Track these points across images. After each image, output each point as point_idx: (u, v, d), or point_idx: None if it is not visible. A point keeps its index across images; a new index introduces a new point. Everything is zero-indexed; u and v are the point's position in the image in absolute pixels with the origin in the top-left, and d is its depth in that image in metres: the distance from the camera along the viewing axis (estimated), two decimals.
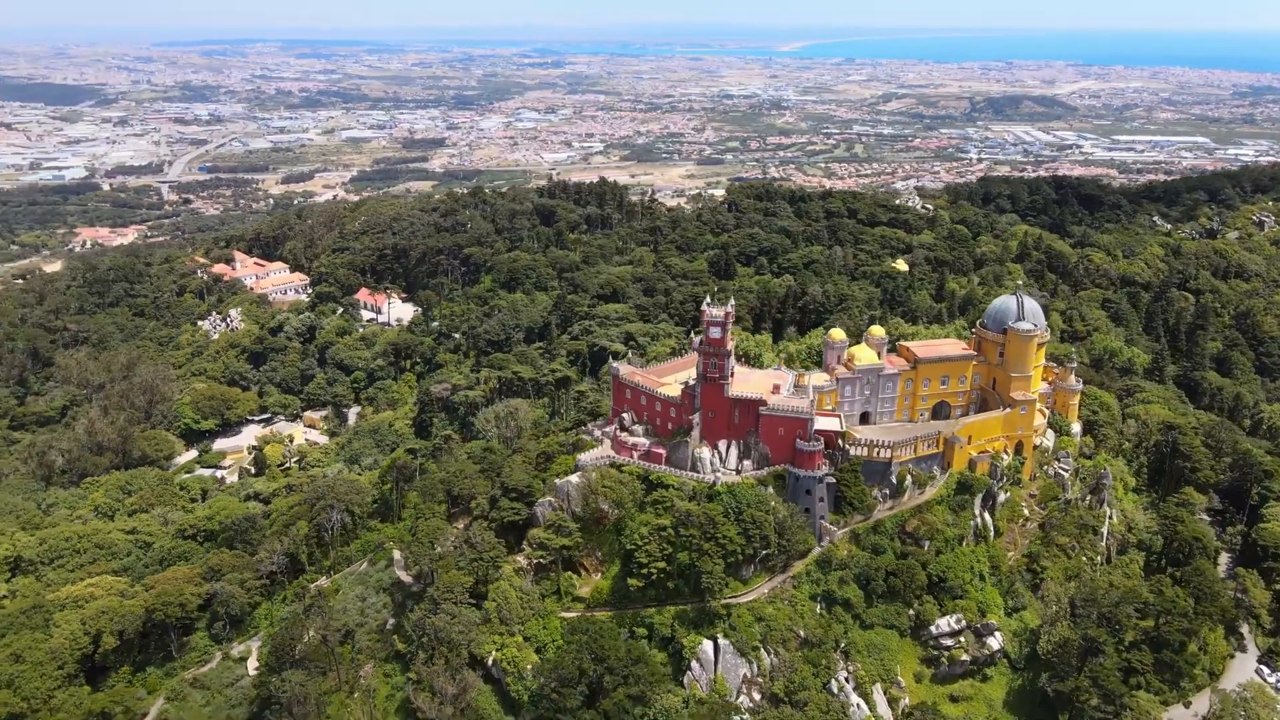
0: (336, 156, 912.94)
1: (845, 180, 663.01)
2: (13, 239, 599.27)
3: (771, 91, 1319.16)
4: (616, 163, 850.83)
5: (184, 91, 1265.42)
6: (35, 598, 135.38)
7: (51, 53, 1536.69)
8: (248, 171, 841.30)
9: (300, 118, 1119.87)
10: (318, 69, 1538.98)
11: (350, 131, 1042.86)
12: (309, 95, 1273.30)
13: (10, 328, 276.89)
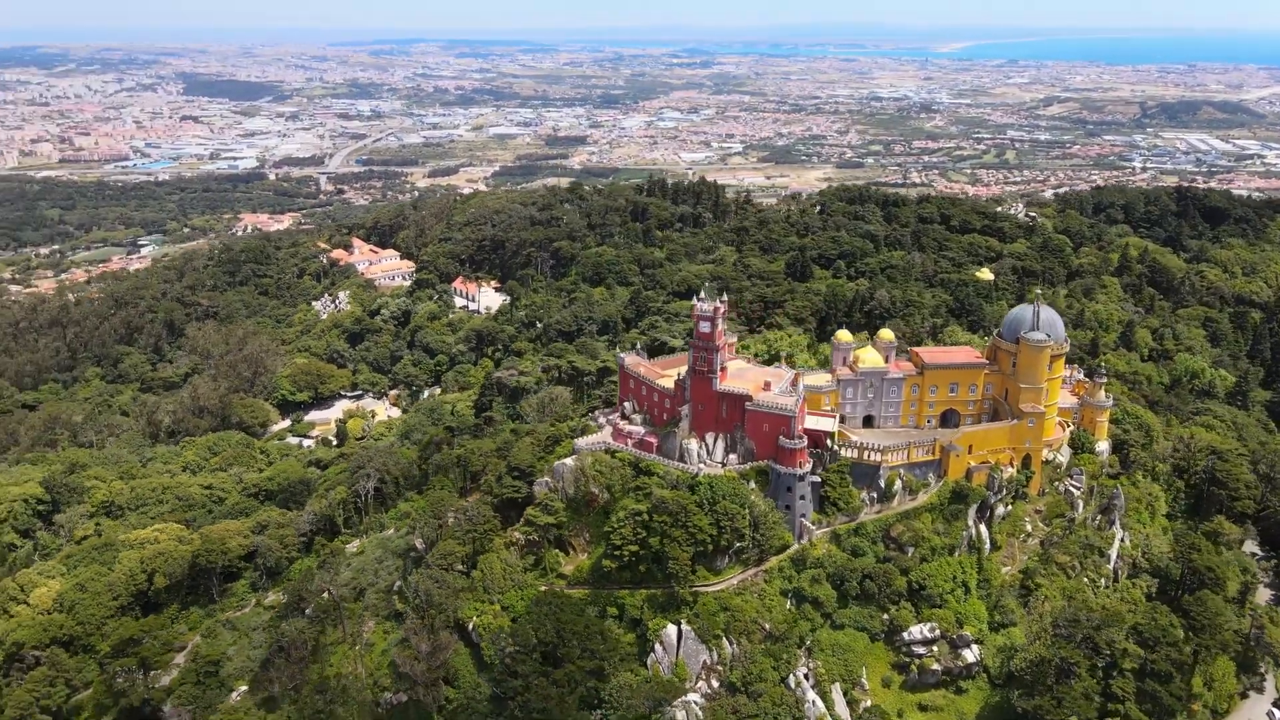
0: (482, 152, 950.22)
1: (990, 187, 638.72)
2: (186, 222, 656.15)
3: (923, 94, 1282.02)
4: (754, 164, 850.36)
5: (351, 89, 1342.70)
6: (108, 537, 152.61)
7: (239, 52, 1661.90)
8: (399, 165, 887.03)
9: (453, 114, 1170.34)
10: (474, 68, 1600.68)
11: (498, 128, 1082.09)
12: (464, 93, 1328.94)
13: (152, 301, 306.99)
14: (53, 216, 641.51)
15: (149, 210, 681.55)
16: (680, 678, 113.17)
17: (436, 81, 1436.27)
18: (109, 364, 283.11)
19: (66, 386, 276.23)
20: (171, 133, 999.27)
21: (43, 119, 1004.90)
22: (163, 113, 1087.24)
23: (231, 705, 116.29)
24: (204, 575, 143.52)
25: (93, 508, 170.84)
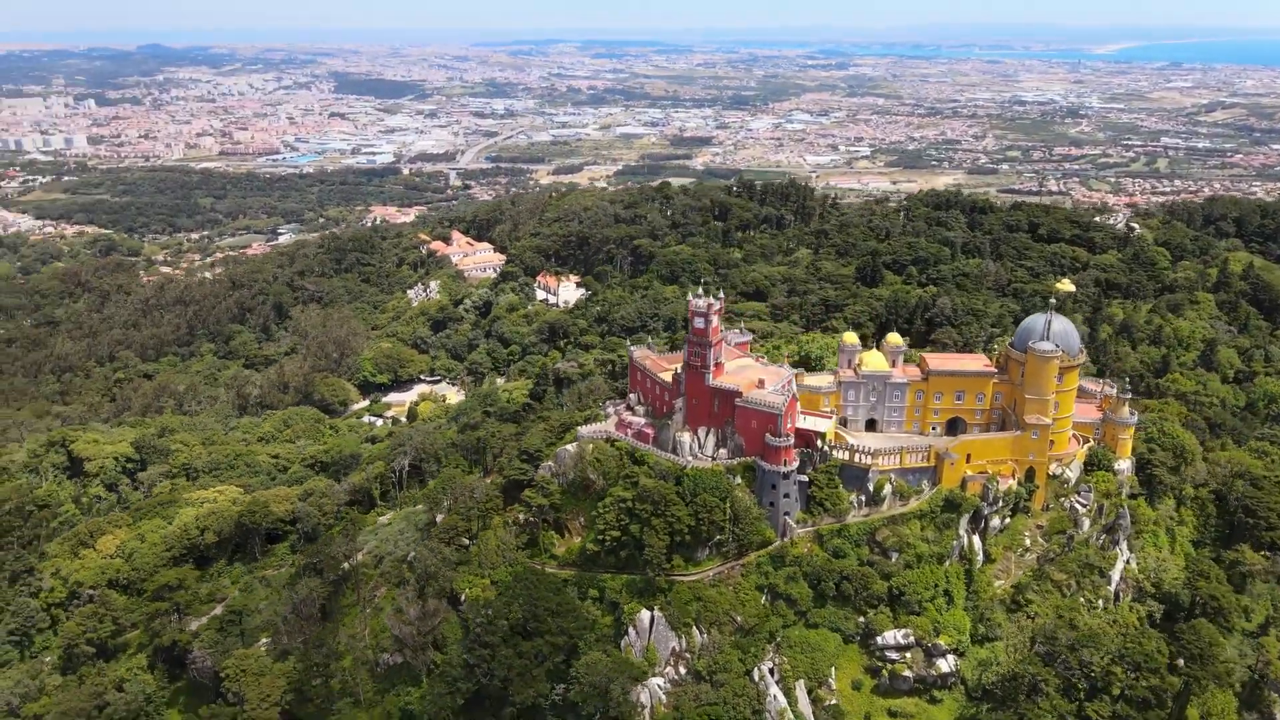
0: (608, 151, 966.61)
1: (1135, 197, 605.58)
2: (322, 213, 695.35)
3: (1072, 98, 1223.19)
4: (880, 168, 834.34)
5: (488, 88, 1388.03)
6: (175, 495, 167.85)
7: (388, 52, 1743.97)
8: (526, 162, 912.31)
9: (582, 114, 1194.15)
10: (608, 68, 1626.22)
11: (625, 128, 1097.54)
12: (595, 93, 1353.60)
13: (264, 284, 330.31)
14: (205, 204, 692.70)
15: (290, 201, 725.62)
16: (650, 662, 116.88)
17: (570, 81, 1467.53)
18: (221, 341, 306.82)
19: (184, 359, 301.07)
20: (320, 128, 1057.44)
21: (208, 115, 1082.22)
22: (314, 109, 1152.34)
23: (245, 652, 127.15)
24: (249, 535, 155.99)
25: (173, 468, 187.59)
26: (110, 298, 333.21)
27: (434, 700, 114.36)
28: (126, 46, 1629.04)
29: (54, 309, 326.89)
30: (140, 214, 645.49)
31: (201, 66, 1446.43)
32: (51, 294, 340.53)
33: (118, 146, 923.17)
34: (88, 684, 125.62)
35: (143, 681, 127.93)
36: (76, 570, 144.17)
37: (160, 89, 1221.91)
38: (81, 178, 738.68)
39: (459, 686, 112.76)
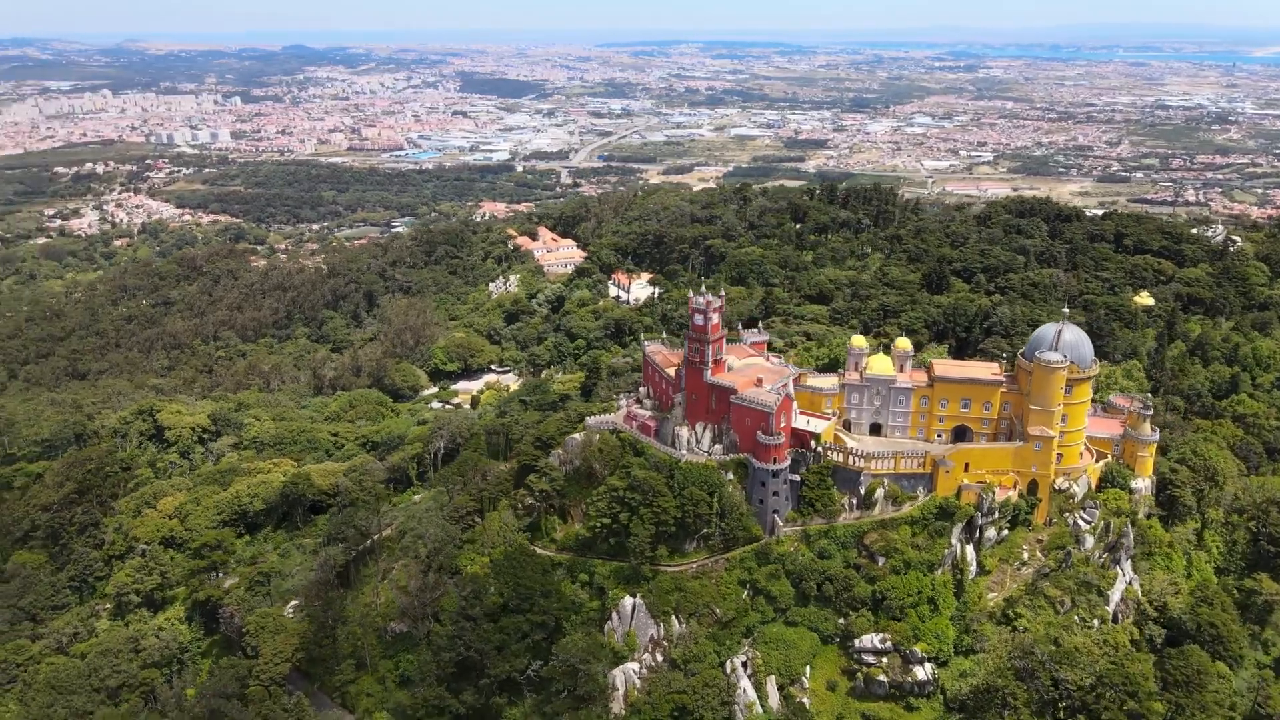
0: (720, 152, 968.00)
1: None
2: (434, 207, 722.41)
3: (1222, 103, 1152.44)
4: (1002, 174, 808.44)
5: (608, 88, 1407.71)
6: (236, 464, 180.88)
7: (514, 53, 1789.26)
8: (638, 162, 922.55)
9: (698, 114, 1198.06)
10: (728, 69, 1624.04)
11: (739, 129, 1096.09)
12: (713, 94, 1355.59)
13: (357, 273, 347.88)
14: (328, 197, 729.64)
15: (407, 195, 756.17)
16: (630, 647, 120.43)
17: (688, 82, 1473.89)
18: (315, 325, 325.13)
19: (280, 342, 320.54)
20: (442, 126, 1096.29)
21: (341, 112, 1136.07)
22: (438, 108, 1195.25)
23: (265, 610, 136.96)
24: (294, 505, 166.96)
25: (242, 440, 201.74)
26: (220, 282, 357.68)
27: (421, 667, 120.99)
28: (273, 47, 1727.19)
29: (170, 290, 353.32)
30: (268, 205, 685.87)
31: (339, 66, 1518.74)
32: (170, 276, 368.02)
33: (257, 141, 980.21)
34: (129, 629, 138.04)
35: (177, 631, 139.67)
36: (136, 526, 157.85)
37: (300, 87, 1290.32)
38: (220, 170, 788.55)
39: (443, 656, 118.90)
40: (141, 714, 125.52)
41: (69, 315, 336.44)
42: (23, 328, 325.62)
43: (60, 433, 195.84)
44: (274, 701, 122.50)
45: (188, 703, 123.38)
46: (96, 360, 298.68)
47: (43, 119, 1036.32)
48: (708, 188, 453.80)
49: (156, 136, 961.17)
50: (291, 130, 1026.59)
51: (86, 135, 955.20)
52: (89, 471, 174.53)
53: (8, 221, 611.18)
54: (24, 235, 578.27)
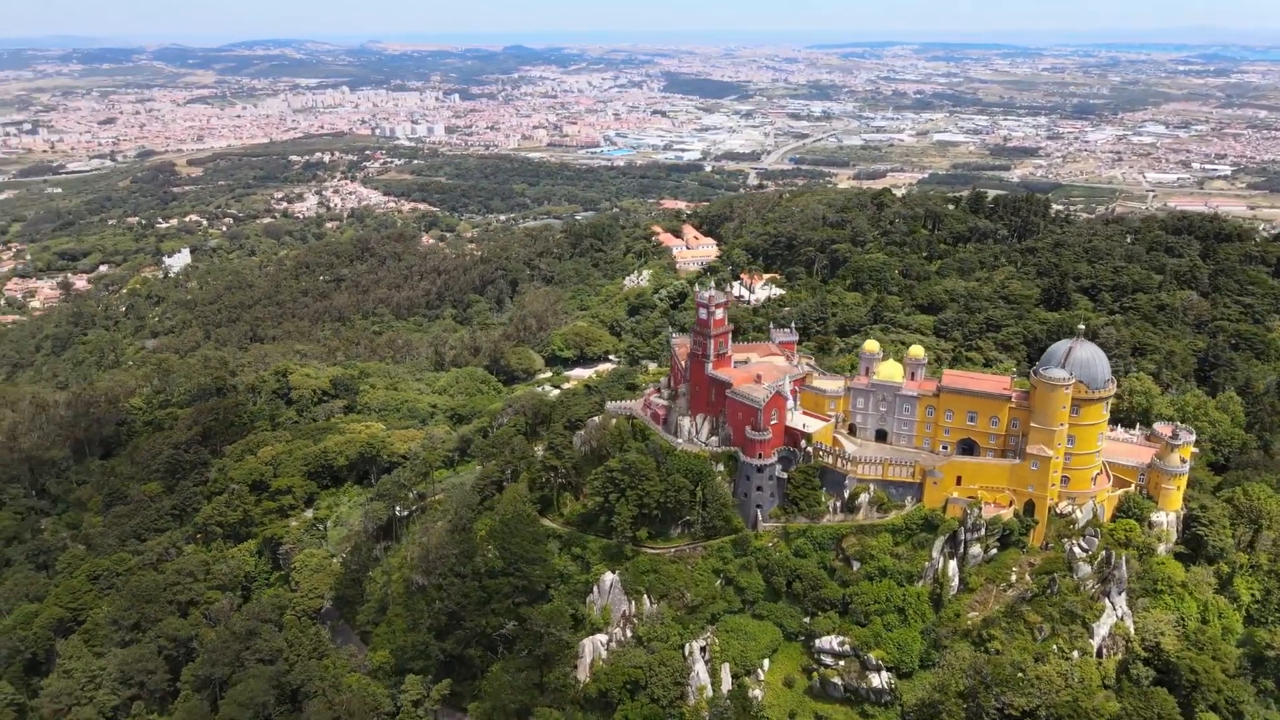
0: (918, 158, 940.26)
1: None
2: (616, 203, 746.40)
3: None
4: (1239, 190, 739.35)
5: (811, 90, 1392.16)
6: (330, 424, 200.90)
7: (721, 53, 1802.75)
8: (829, 165, 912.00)
9: (901, 119, 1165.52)
10: (941, 72, 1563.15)
11: (943, 135, 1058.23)
12: (922, 97, 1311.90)
13: (505, 261, 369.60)
14: (519, 190, 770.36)
15: (593, 191, 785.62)
16: (605, 620, 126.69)
17: (897, 85, 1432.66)
18: (461, 307, 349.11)
19: (430, 320, 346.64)
20: (640, 125, 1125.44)
21: (547, 110, 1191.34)
22: (639, 107, 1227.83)
23: (311, 551, 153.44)
24: (370, 464, 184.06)
25: (354, 404, 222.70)
26: (385, 263, 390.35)
27: (416, 615, 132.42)
28: (495, 48, 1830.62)
29: (343, 268, 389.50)
30: (463, 195, 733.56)
31: (552, 66, 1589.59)
32: (345, 255, 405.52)
33: (467, 136, 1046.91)
34: (209, 554, 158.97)
35: (245, 562, 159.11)
36: (233, 469, 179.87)
37: (513, 85, 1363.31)
38: (428, 161, 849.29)
39: (434, 606, 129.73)
40: (200, 626, 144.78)
41: (257, 286, 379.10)
42: (221, 295, 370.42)
43: (206, 385, 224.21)
44: (301, 630, 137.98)
45: (232, 621, 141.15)
46: (273, 327, 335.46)
47: (290, 112, 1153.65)
48: (852, 191, 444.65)
49: (381, 130, 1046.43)
50: (499, 126, 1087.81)
51: (323, 127, 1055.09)
52: (214, 419, 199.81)
53: (244, 202, 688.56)
54: (253, 215, 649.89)
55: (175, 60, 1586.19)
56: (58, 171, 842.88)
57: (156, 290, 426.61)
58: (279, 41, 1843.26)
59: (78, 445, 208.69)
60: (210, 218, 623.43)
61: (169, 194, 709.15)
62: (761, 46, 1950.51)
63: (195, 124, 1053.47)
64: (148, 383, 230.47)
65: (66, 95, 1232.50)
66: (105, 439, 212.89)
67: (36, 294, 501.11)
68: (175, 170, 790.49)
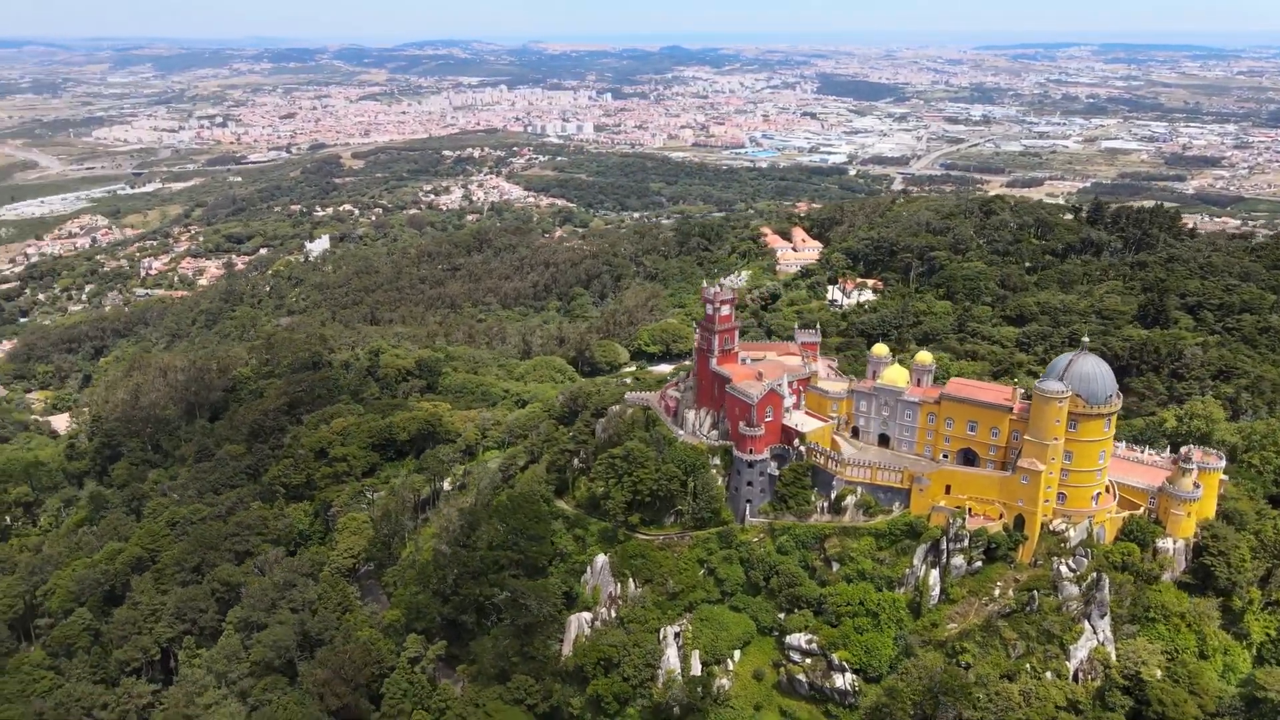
0: (1082, 166, 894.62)
1: None
2: (751, 204, 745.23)
3: None
4: None
5: (973, 93, 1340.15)
6: (401, 401, 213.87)
7: (881, 55, 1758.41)
8: (981, 171, 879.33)
9: (1068, 124, 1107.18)
10: (1119, 74, 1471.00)
11: (1114, 141, 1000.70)
12: (1094, 101, 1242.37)
13: (611, 256, 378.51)
14: (655, 189, 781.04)
15: (730, 191, 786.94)
16: (594, 600, 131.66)
17: (1068, 88, 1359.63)
18: (565, 300, 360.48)
19: (536, 311, 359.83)
20: (788, 127, 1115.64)
21: (696, 110, 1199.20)
22: (790, 108, 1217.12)
23: (353, 515, 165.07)
24: (429, 440, 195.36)
25: (433, 384, 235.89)
26: (500, 254, 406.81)
27: (424, 580, 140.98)
28: (651, 48, 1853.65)
29: (460, 258, 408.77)
30: (600, 192, 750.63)
31: (705, 66, 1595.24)
32: (463, 246, 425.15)
33: (615, 134, 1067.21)
34: (267, 511, 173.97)
35: (298, 520, 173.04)
36: (305, 436, 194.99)
37: (665, 85, 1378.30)
38: (571, 159, 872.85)
39: (439, 572, 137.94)
40: (250, 574, 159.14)
41: (381, 272, 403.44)
42: (350, 279, 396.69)
43: (305, 359, 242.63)
44: (332, 585, 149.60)
45: (274, 572, 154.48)
46: (389, 311, 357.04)
47: (450, 109, 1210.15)
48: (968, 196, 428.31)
49: (532, 127, 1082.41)
50: (647, 125, 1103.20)
51: (478, 124, 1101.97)
52: (302, 390, 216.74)
53: (395, 194, 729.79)
54: (401, 206, 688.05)
55: (353, 59, 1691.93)
56: (240, 162, 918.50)
57: (296, 272, 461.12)
58: (447, 42, 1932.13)
59: (190, 407, 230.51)
60: (362, 207, 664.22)
61: (330, 184, 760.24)
62: (925, 48, 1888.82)
63: (364, 119, 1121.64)
64: (256, 355, 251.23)
65: (255, 92, 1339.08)
66: (214, 403, 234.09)
67: (204, 273, 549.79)
68: (340, 162, 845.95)
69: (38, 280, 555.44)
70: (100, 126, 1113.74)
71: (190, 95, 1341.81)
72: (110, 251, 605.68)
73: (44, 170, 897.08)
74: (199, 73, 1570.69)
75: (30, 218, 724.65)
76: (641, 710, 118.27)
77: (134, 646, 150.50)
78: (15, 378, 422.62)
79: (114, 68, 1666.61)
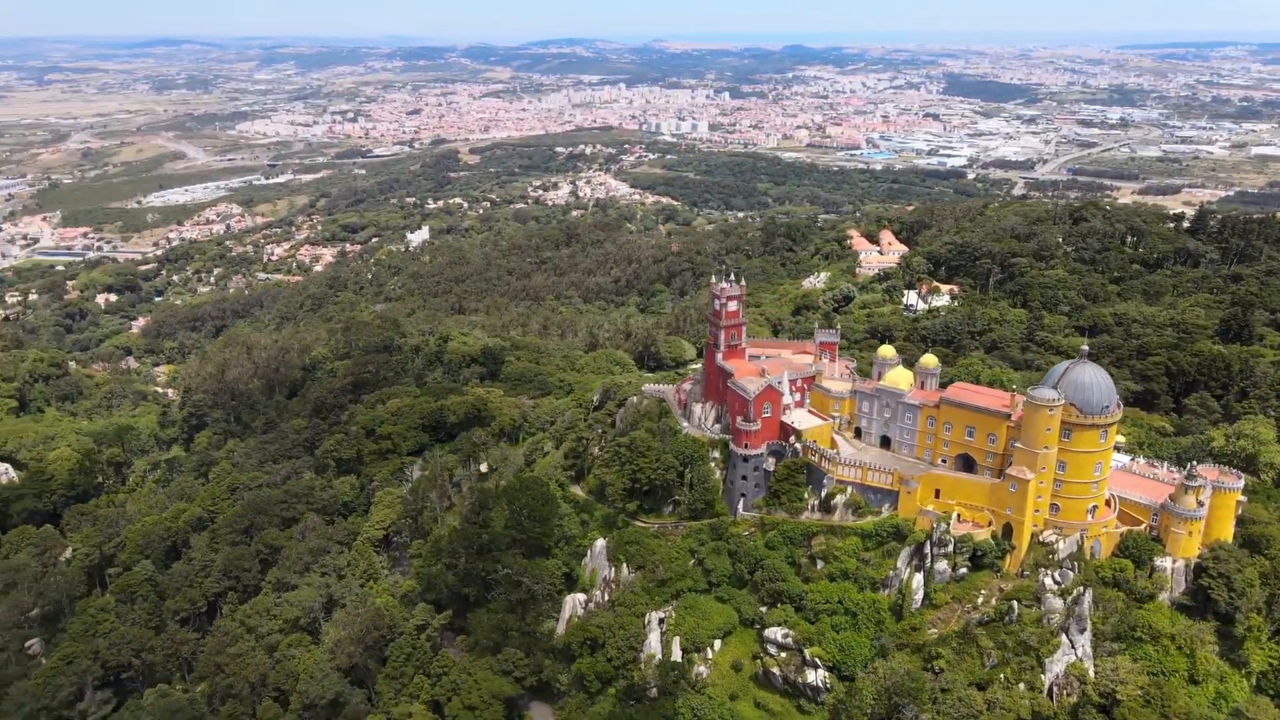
0: (1226, 174, 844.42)
1: None
2: (859, 207, 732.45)
3: None
4: None
5: (1112, 94, 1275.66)
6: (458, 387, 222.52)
7: (1015, 54, 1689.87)
8: (1113, 178, 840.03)
9: (1215, 128, 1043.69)
10: (1278, 76, 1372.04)
11: (1266, 148, 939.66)
12: (1248, 105, 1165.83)
13: (694, 255, 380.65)
14: (762, 189, 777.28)
15: (839, 193, 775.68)
16: (591, 582, 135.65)
17: (1220, 90, 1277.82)
18: (646, 296, 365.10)
19: (615, 306, 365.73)
20: (907, 128, 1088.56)
21: (814, 110, 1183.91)
22: (912, 109, 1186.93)
23: (388, 490, 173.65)
24: (475, 423, 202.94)
25: (493, 370, 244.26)
26: (586, 250, 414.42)
27: (438, 554, 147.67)
28: (774, 47, 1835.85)
29: (548, 252, 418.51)
30: (705, 191, 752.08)
31: (828, 65, 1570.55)
32: (552, 241, 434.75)
33: (728, 134, 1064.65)
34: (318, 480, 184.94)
35: (343, 491, 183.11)
36: (361, 414, 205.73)
37: (784, 85, 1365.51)
38: (680, 157, 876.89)
39: (452, 548, 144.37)
40: (291, 539, 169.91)
41: (471, 263, 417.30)
42: (443, 269, 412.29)
43: (376, 343, 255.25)
44: (360, 553, 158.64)
45: (309, 538, 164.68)
46: (476, 300, 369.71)
47: (569, 107, 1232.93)
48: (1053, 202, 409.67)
49: (647, 125, 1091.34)
50: (762, 125, 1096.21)
51: (594, 122, 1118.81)
52: (367, 372, 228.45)
53: (505, 189, 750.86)
54: (509, 201, 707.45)
55: (480, 58, 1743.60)
56: (365, 155, 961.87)
57: (396, 261, 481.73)
58: (571, 40, 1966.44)
59: (270, 383, 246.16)
60: (471, 201, 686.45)
61: (445, 178, 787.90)
62: (1064, 47, 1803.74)
63: (485, 116, 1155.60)
64: (334, 337, 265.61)
65: (385, 89, 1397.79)
66: (293, 381, 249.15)
67: (320, 259, 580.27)
68: (457, 157, 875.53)
69: (173, 263, 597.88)
70: (243, 120, 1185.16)
71: (326, 91, 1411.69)
72: (239, 238, 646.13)
73: (191, 161, 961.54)
74: (336, 70, 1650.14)
75: (174, 205, 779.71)
76: (618, 690, 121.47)
77: (184, 598, 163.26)
78: (146, 352, 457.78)
79: (261, 65, 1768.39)
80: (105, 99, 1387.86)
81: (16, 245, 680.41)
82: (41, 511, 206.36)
